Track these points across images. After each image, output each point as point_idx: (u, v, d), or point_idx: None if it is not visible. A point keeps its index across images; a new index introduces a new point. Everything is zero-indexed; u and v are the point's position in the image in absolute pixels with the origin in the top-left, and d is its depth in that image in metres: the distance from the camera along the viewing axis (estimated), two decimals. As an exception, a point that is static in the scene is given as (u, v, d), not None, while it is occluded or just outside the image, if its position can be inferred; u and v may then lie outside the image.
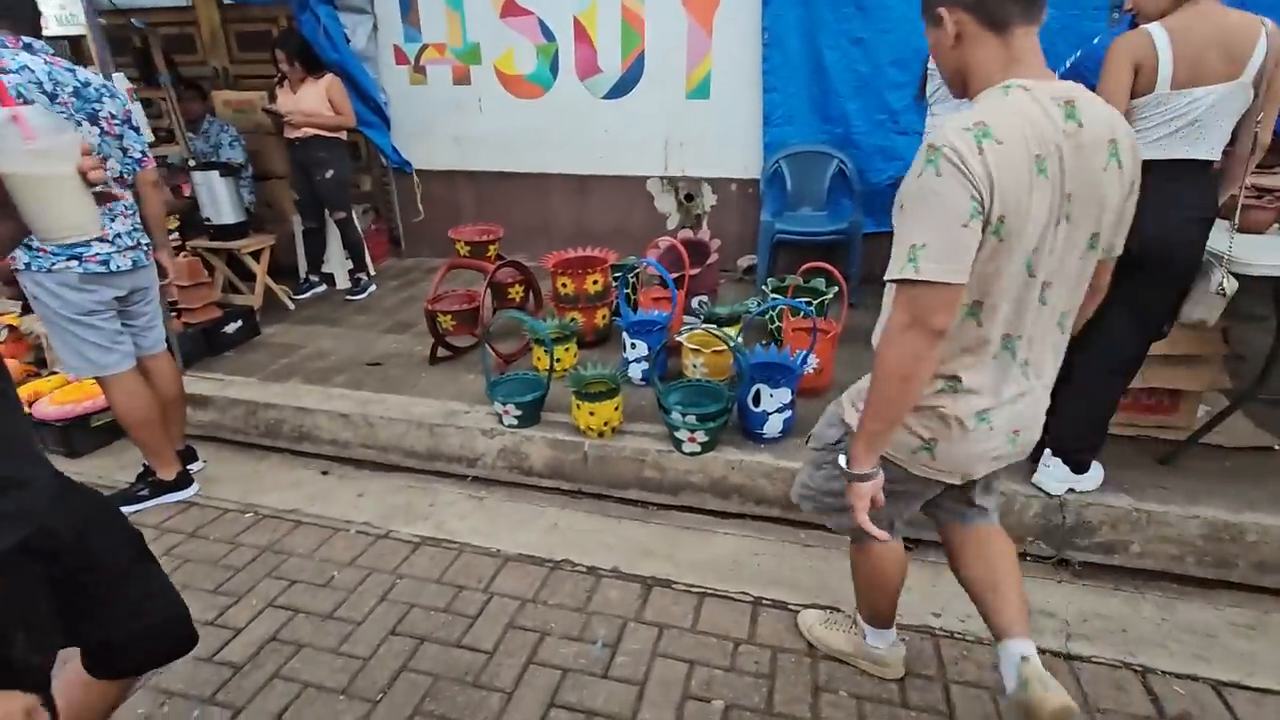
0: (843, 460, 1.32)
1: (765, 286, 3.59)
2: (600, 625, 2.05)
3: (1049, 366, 1.34)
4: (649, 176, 4.70)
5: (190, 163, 3.98)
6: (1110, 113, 1.17)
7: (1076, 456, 2.26)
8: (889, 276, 1.15)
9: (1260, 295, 2.26)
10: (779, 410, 2.57)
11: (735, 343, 2.51)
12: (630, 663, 1.91)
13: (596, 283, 3.43)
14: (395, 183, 5.20)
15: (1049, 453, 2.29)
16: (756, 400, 2.56)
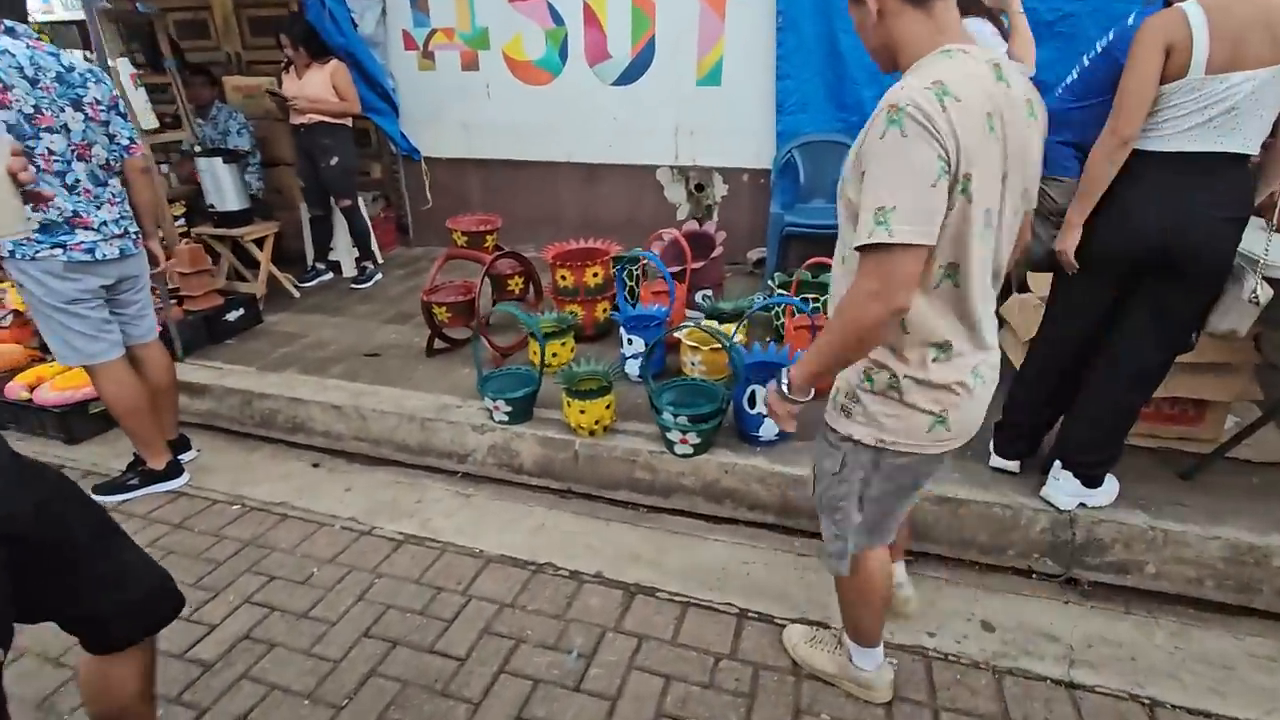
0: (784, 380, 1.32)
1: (772, 281, 3.47)
2: (578, 634, 1.98)
3: (993, 320, 1.37)
4: (659, 166, 4.59)
5: (196, 149, 3.97)
6: (1023, 76, 1.22)
7: (1088, 470, 2.12)
8: (858, 243, 1.11)
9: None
10: None
11: (729, 341, 2.41)
12: (605, 675, 1.84)
13: (597, 275, 3.35)
14: (404, 170, 5.15)
15: (1059, 464, 2.16)
16: (752, 401, 2.46)
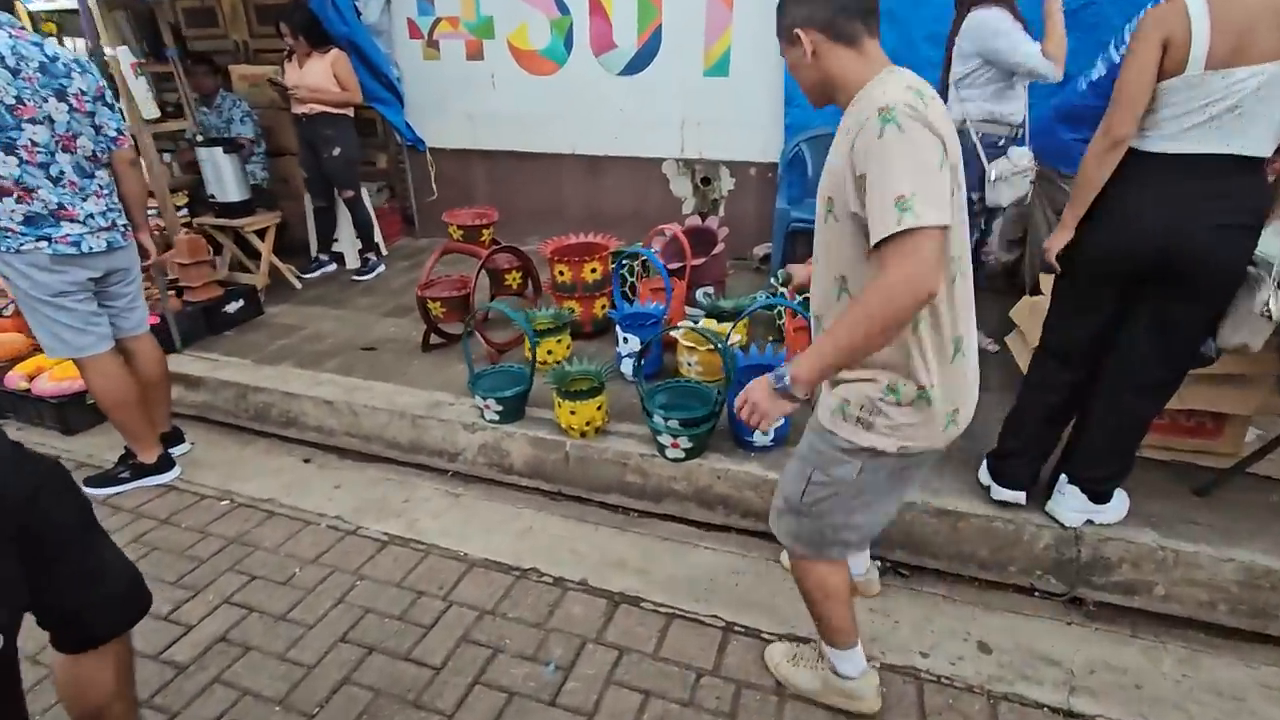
0: (786, 376, 1.23)
1: (775, 279, 3.38)
2: (557, 644, 1.93)
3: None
4: (664, 158, 4.49)
5: (198, 138, 3.95)
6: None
7: (1095, 486, 2.02)
8: (885, 234, 1.09)
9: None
10: None
11: (721, 343, 2.33)
12: (581, 690, 1.79)
13: (595, 271, 3.28)
14: (409, 161, 5.11)
15: (1065, 479, 2.06)
16: None
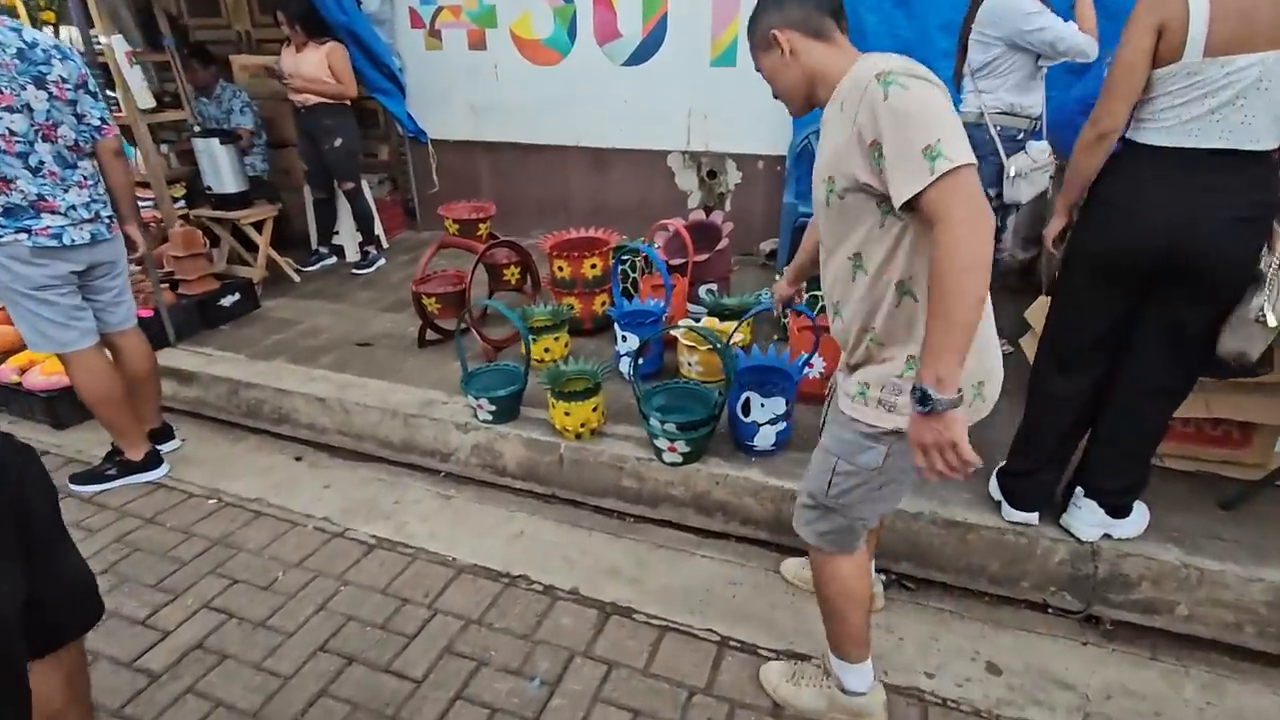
0: (930, 392, 1.06)
1: (780, 276, 3.26)
2: (544, 657, 1.85)
3: None
4: (670, 151, 4.39)
5: (196, 128, 3.89)
6: None
7: (1114, 499, 1.91)
8: (920, 186, 1.05)
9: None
10: (771, 422, 2.28)
11: (720, 343, 2.23)
12: (567, 707, 1.71)
13: (595, 267, 3.18)
14: (411, 153, 5.03)
15: (1081, 492, 1.95)
16: (746, 409, 2.28)
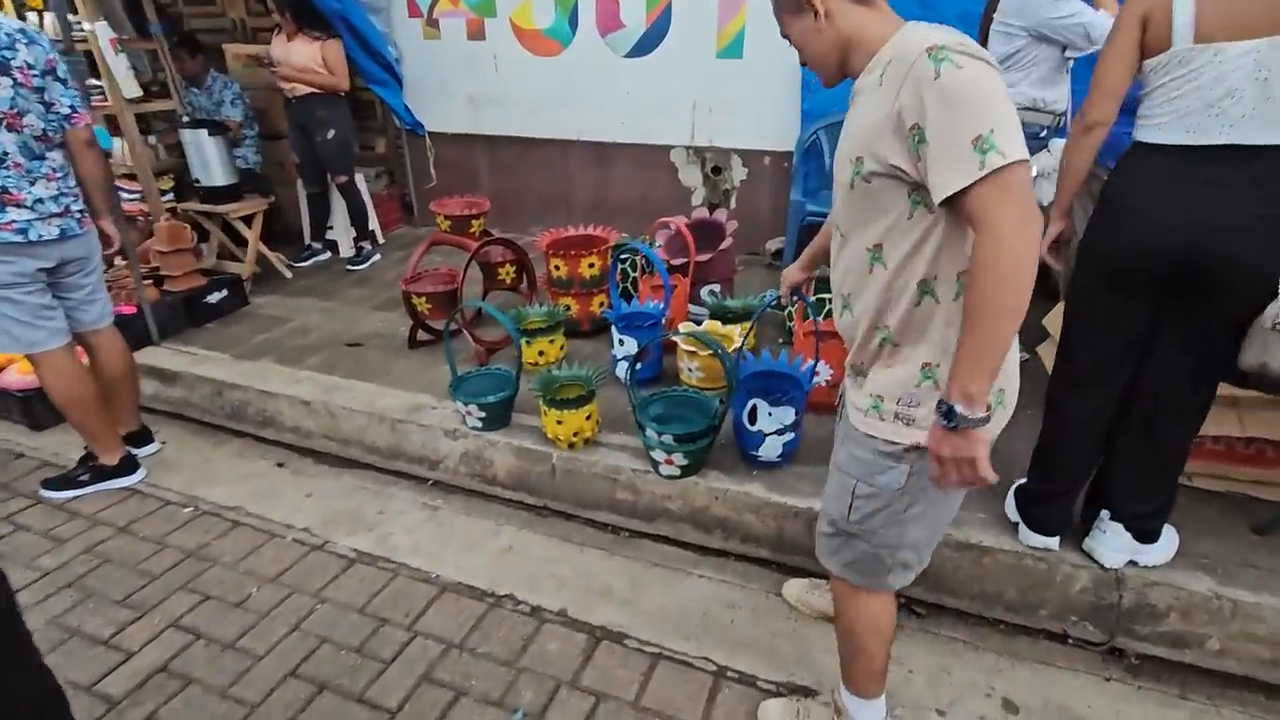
0: (956, 407, 1.00)
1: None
2: (528, 687, 1.73)
3: None
4: (674, 146, 4.25)
5: (185, 119, 3.77)
6: None
7: (1141, 524, 1.77)
8: (966, 182, 0.95)
9: None
10: (779, 432, 2.15)
11: (721, 349, 2.10)
12: (551, 744, 1.59)
13: (593, 266, 3.06)
14: (408, 146, 4.90)
15: (1106, 515, 1.81)
16: (752, 417, 2.15)
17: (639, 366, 2.53)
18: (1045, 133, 2.46)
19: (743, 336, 2.31)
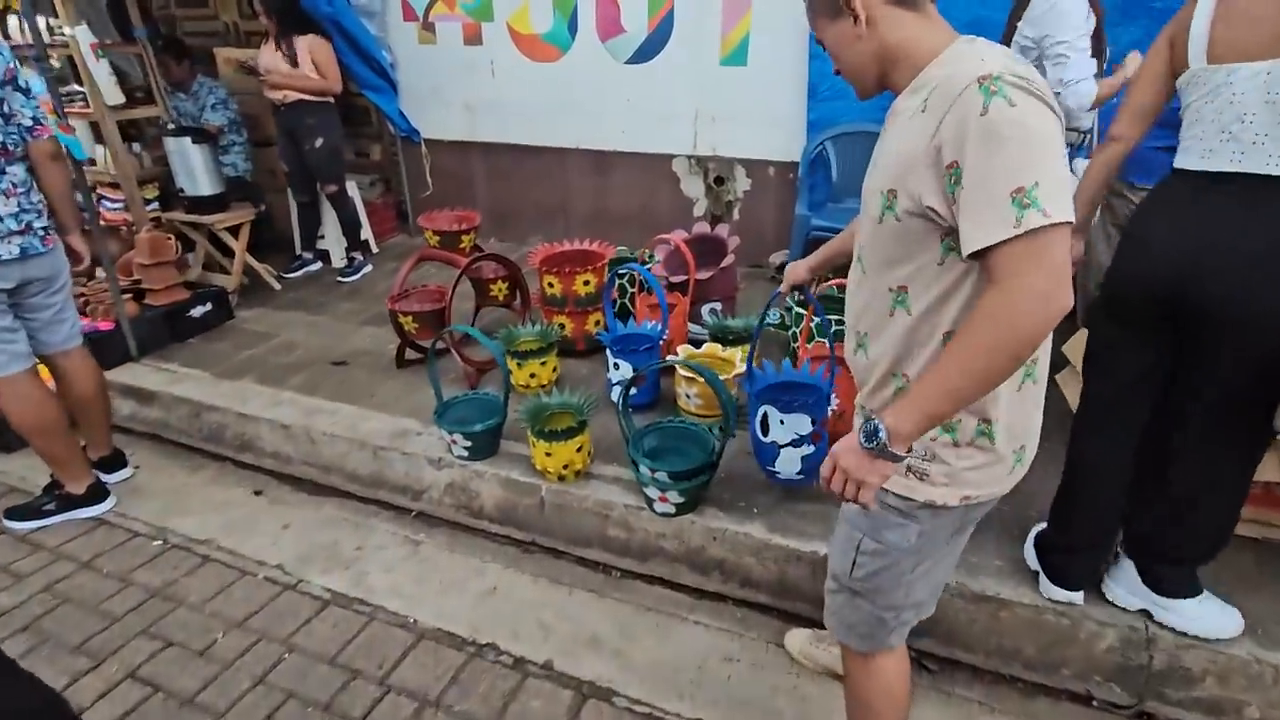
0: (881, 431, 0.92)
1: (793, 298, 2.99)
2: (507, 753, 1.60)
3: None
4: (675, 155, 4.11)
5: (170, 126, 3.65)
6: None
7: (1150, 562, 1.64)
8: (999, 238, 0.84)
9: None
10: (794, 443, 1.95)
11: (713, 375, 1.95)
12: (529, 823, 1.46)
13: (588, 283, 2.92)
14: (403, 153, 4.78)
15: (1122, 551, 1.68)
16: (765, 428, 1.99)
17: (633, 392, 2.40)
18: (1069, 151, 2.33)
19: (745, 361, 2.16)
